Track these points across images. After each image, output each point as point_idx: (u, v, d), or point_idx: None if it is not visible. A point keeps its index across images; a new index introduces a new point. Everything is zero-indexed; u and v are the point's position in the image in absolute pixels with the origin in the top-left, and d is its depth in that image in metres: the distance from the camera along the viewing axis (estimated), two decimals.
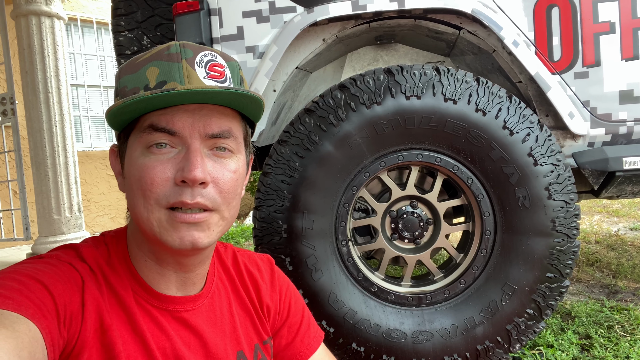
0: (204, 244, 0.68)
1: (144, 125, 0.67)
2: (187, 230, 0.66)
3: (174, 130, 0.66)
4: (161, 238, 0.67)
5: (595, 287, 2.55)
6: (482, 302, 1.53)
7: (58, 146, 3.86)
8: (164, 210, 0.66)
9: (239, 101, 0.69)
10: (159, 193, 0.65)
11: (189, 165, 0.64)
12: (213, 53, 0.70)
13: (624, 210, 4.86)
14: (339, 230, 1.56)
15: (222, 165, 0.69)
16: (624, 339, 1.81)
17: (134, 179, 0.67)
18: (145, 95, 0.61)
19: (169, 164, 0.66)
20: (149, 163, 0.66)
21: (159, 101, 0.64)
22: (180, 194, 0.65)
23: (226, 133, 0.69)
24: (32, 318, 0.54)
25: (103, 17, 5.67)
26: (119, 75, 0.71)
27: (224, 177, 0.69)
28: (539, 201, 1.47)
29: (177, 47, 0.68)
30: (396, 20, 1.69)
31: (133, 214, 0.70)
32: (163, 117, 0.66)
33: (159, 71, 0.66)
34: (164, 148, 0.66)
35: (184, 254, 0.71)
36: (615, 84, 1.63)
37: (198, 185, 0.65)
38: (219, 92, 0.65)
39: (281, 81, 1.76)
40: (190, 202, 0.65)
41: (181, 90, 0.62)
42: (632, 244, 3.41)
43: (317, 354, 0.93)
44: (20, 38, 3.77)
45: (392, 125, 1.49)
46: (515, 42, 1.58)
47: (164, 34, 2.08)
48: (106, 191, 5.75)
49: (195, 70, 0.66)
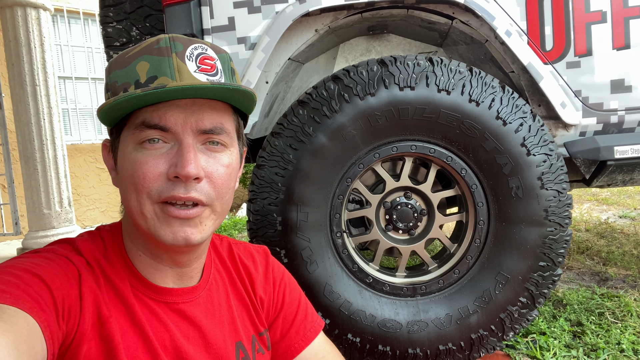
0: (197, 240, 0.68)
1: (136, 122, 0.66)
2: (179, 226, 0.66)
3: (167, 127, 0.65)
4: (154, 233, 0.67)
5: (586, 275, 2.59)
6: (476, 291, 1.54)
7: (47, 139, 3.81)
8: (156, 204, 0.66)
9: (231, 95, 0.69)
10: (151, 188, 0.65)
11: (182, 162, 0.64)
12: (203, 46, 0.69)
13: (613, 199, 4.92)
14: (333, 222, 1.56)
15: (216, 160, 0.69)
16: (615, 325, 1.83)
17: (126, 174, 0.67)
18: (137, 93, 0.61)
19: (161, 159, 0.65)
20: (141, 158, 0.65)
21: (150, 98, 0.63)
22: (172, 188, 0.65)
23: (218, 129, 0.69)
24: (30, 312, 0.54)
25: (90, 8, 5.58)
26: (109, 70, 0.70)
27: (217, 171, 0.68)
28: (531, 191, 1.48)
29: (166, 41, 0.67)
30: (389, 10, 1.68)
31: (127, 208, 0.70)
32: (155, 114, 0.65)
33: (149, 66, 0.65)
34: (157, 143, 0.66)
35: (177, 250, 0.71)
36: (607, 73, 1.64)
37: (192, 180, 0.65)
38: (210, 87, 0.64)
39: (273, 73, 1.74)
40: (183, 196, 0.65)
41: (172, 87, 0.62)
42: (621, 232, 3.46)
43: (315, 344, 0.93)
44: (6, 30, 3.70)
45: (385, 117, 1.49)
46: (507, 32, 1.58)
47: (153, 25, 2.05)
48: (96, 184, 5.69)
49: (186, 64, 0.66)
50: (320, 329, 0.95)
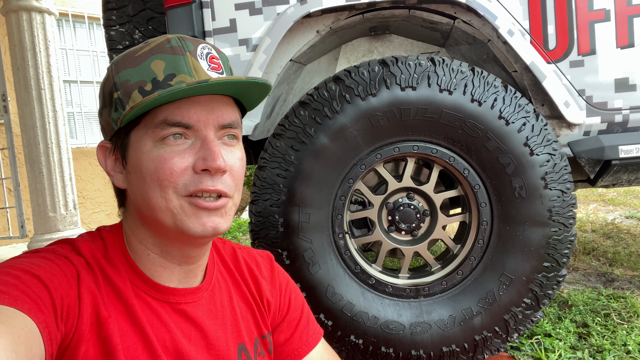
0: (224, 229, 0.71)
1: (156, 121, 0.67)
2: (208, 216, 0.69)
3: (190, 124, 0.67)
4: (182, 226, 0.68)
5: (591, 276, 2.57)
6: (480, 292, 1.53)
7: (52, 143, 3.82)
8: (183, 198, 0.68)
9: (250, 90, 0.72)
10: (178, 182, 0.67)
11: (212, 155, 0.66)
12: (208, 46, 0.72)
13: (619, 199, 4.88)
14: (335, 223, 1.56)
15: (233, 154, 0.72)
16: (621, 326, 1.82)
17: (147, 171, 0.67)
18: (182, 87, 0.62)
19: (186, 154, 0.67)
20: (165, 154, 0.67)
21: (181, 94, 0.65)
22: (200, 181, 0.67)
23: (236, 123, 0.72)
24: (29, 313, 0.53)
25: (94, 12, 5.61)
26: (117, 70, 0.70)
27: (235, 164, 0.72)
28: (535, 191, 1.47)
29: (177, 40, 0.69)
30: (390, 10, 1.67)
31: (146, 206, 0.69)
32: (177, 112, 0.67)
33: (165, 64, 0.67)
34: (179, 139, 0.68)
35: (200, 242, 0.73)
36: (611, 72, 1.62)
37: (219, 173, 0.68)
38: (240, 81, 0.68)
39: (275, 74, 1.74)
40: (212, 188, 0.67)
41: (213, 82, 0.64)
42: (628, 232, 3.43)
43: (316, 351, 0.93)
44: (11, 34, 3.72)
45: (387, 117, 1.49)
46: (510, 31, 1.57)
47: (155, 28, 2.05)
48: (102, 187, 5.72)
49: (200, 63, 0.69)
50: (321, 337, 0.96)
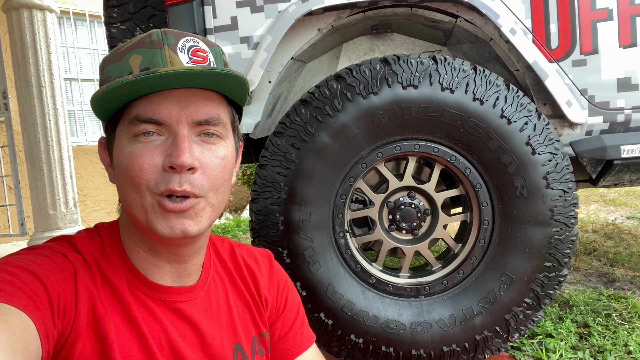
0: (194, 232, 0.68)
1: (130, 117, 0.66)
2: (176, 219, 0.66)
3: (161, 120, 0.65)
4: (152, 226, 0.66)
5: (593, 276, 2.56)
6: (481, 292, 1.53)
7: (52, 141, 3.82)
8: (155, 196, 0.66)
9: (224, 83, 0.69)
10: (148, 180, 0.65)
11: (177, 151, 0.64)
12: (195, 39, 0.70)
13: (620, 199, 4.87)
14: (336, 222, 1.55)
15: (211, 152, 0.69)
16: (622, 327, 1.81)
17: (122, 168, 0.67)
18: (128, 79, 0.61)
19: (156, 151, 0.65)
20: (136, 151, 0.65)
21: (142, 86, 0.63)
22: (169, 181, 0.64)
23: (214, 120, 0.69)
24: (25, 310, 0.53)
25: (95, 10, 5.61)
26: (103, 66, 0.70)
27: (212, 163, 0.68)
28: (537, 190, 1.46)
29: (158, 34, 0.68)
30: (392, 9, 1.67)
31: (124, 203, 0.69)
32: (149, 107, 0.65)
33: (142, 58, 0.66)
34: (151, 136, 0.66)
35: (175, 243, 0.71)
36: (613, 71, 1.62)
37: (186, 171, 0.65)
38: (201, 72, 0.64)
39: (276, 72, 1.74)
40: (178, 189, 0.64)
41: (163, 72, 0.61)
42: (629, 233, 3.42)
43: (309, 353, 0.92)
44: (12, 31, 3.71)
45: (388, 116, 1.48)
46: (512, 30, 1.56)
47: (156, 26, 2.05)
48: (102, 185, 5.72)
49: (178, 56, 0.66)
50: (313, 341, 0.95)
